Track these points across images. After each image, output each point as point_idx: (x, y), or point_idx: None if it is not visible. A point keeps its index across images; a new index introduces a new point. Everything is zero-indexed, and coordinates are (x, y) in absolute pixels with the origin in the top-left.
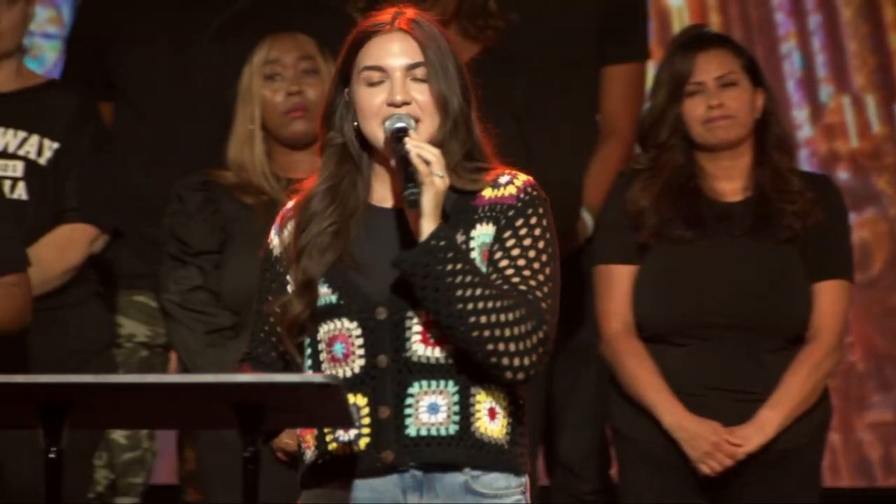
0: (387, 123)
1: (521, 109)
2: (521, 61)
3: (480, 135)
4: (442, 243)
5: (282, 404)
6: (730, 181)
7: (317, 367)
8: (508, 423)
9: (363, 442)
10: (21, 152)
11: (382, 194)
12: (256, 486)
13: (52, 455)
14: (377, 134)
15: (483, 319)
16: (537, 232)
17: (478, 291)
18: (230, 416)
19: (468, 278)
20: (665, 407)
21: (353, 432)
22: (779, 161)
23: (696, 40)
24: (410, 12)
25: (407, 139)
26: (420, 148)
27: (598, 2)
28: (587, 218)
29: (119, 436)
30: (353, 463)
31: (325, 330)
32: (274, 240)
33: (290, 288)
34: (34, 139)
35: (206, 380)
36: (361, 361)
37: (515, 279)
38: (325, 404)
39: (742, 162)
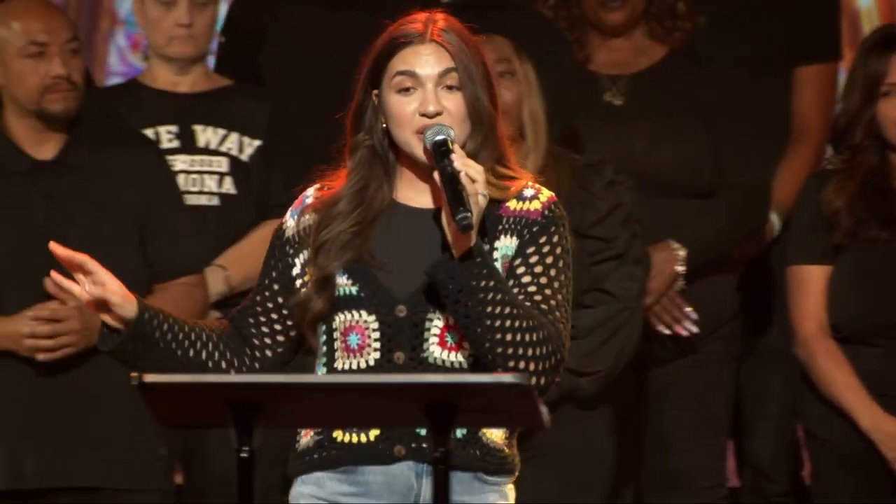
0: (427, 135)
1: (710, 111)
2: (708, 63)
3: (506, 142)
4: (478, 259)
5: (473, 404)
6: None
7: (331, 354)
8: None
9: (372, 434)
10: (223, 148)
11: (407, 193)
12: (447, 484)
13: (243, 454)
14: (409, 141)
15: (508, 337)
16: (558, 251)
17: (506, 310)
18: (421, 416)
19: (499, 296)
20: (862, 408)
21: None
22: None
23: (890, 40)
24: (442, 20)
25: (453, 155)
26: (466, 166)
27: (788, 2)
28: (774, 219)
29: None
30: (361, 451)
31: (340, 319)
32: (289, 220)
33: (295, 271)
34: (234, 136)
35: (397, 380)
36: (377, 355)
37: (537, 297)
38: (517, 404)
39: None
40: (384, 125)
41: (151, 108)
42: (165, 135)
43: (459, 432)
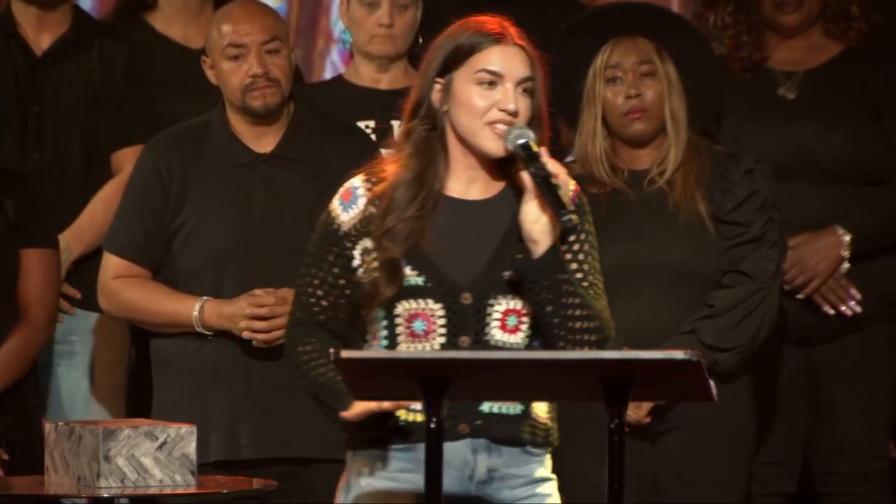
0: (509, 136)
1: (881, 104)
2: (881, 61)
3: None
4: (559, 255)
5: (646, 378)
6: None
7: (392, 339)
8: (549, 404)
9: None
10: None
11: (454, 186)
12: (622, 456)
13: (432, 426)
14: (479, 130)
15: (577, 325)
16: (591, 238)
17: (578, 300)
18: (597, 390)
19: (571, 287)
20: None
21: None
22: None
23: None
24: (513, 27)
25: (544, 158)
26: (557, 167)
27: None
28: None
29: None
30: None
31: (405, 307)
32: (342, 215)
33: (355, 263)
34: None
35: (576, 356)
36: (442, 339)
37: (585, 283)
38: (687, 379)
39: None
40: (446, 110)
41: (353, 103)
42: (364, 129)
43: (518, 408)
